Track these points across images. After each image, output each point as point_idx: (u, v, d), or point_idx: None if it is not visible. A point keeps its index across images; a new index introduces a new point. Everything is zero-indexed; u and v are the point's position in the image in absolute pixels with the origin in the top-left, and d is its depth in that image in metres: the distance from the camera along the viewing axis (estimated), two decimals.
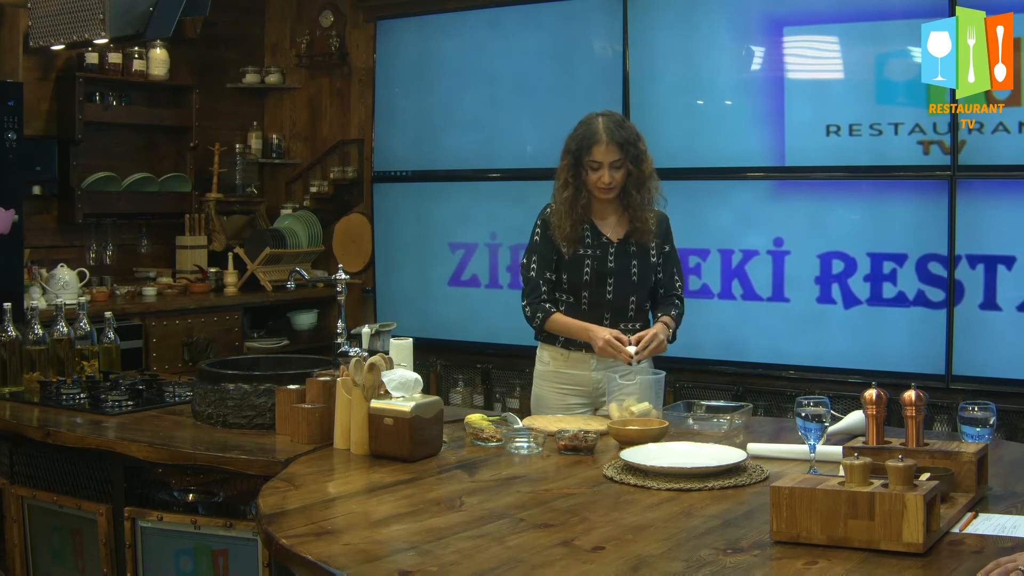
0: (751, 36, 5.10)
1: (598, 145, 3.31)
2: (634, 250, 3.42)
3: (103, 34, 4.06)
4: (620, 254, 3.42)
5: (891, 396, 2.31)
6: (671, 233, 3.52)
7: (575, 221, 3.38)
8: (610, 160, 3.32)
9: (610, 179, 3.33)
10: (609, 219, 3.44)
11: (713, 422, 2.88)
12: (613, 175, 3.33)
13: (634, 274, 3.42)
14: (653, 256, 3.46)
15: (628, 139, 3.33)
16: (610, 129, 3.32)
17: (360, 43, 6.42)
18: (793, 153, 5.02)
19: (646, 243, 3.43)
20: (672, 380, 4.89)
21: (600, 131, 3.32)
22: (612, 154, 3.32)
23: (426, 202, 6.08)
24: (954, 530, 1.97)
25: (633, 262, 3.42)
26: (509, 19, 5.78)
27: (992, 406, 2.37)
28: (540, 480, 2.46)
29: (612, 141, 3.31)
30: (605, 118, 3.36)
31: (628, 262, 3.42)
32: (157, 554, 2.88)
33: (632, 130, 3.39)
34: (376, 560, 1.89)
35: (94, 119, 5.57)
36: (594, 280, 3.41)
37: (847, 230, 4.91)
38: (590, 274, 3.40)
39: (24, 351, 3.54)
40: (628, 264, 3.42)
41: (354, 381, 2.69)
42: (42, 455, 3.11)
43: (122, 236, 5.90)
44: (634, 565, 1.84)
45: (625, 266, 3.42)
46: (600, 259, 3.41)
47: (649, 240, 3.43)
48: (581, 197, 3.37)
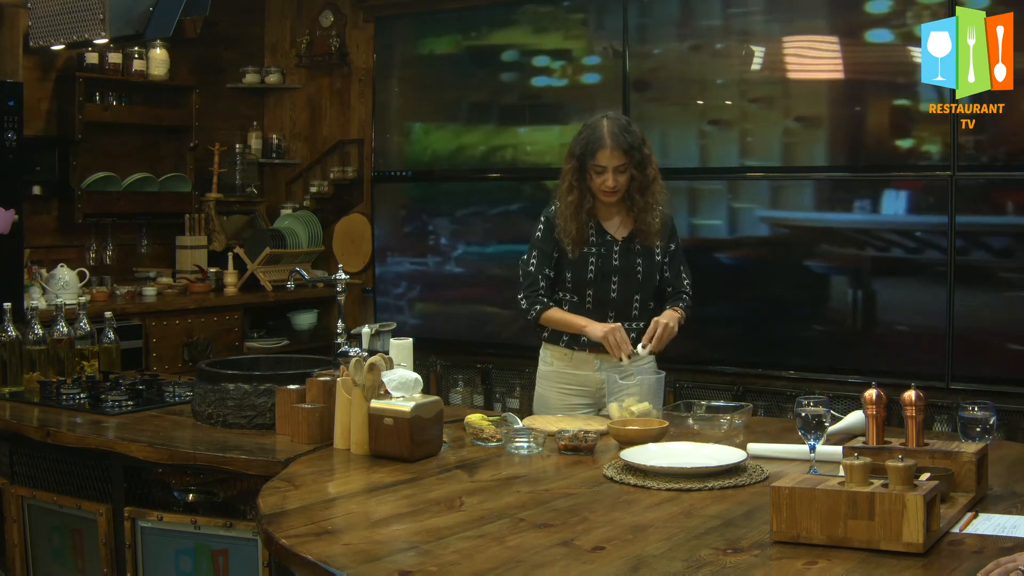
0: (751, 36, 5.10)
1: (603, 150, 3.32)
2: (639, 248, 3.44)
3: (103, 34, 4.06)
4: (625, 253, 3.43)
5: (891, 396, 2.31)
6: (676, 232, 3.56)
7: (580, 224, 3.39)
8: (614, 165, 3.33)
9: (614, 183, 3.34)
10: (614, 219, 3.46)
11: (713, 422, 2.88)
12: (617, 179, 3.34)
13: (639, 272, 3.44)
14: (658, 255, 3.47)
15: (633, 144, 3.34)
16: (615, 133, 3.33)
17: (360, 43, 6.42)
18: (793, 153, 5.02)
19: (651, 244, 3.45)
20: (672, 380, 4.89)
21: (605, 135, 3.33)
22: (616, 159, 3.33)
23: (426, 202, 6.08)
24: (954, 530, 1.97)
25: (638, 260, 3.44)
26: (509, 19, 5.78)
27: (992, 406, 2.37)
28: (540, 480, 2.46)
29: (617, 146, 3.32)
30: (610, 122, 3.37)
31: (633, 260, 3.43)
32: (157, 554, 2.88)
33: (637, 134, 3.40)
34: (376, 560, 1.89)
35: (94, 119, 5.57)
36: (598, 278, 3.42)
37: (847, 230, 4.90)
38: (594, 272, 3.42)
39: (24, 351, 3.54)
40: (633, 262, 3.43)
41: (354, 381, 2.69)
42: (42, 455, 3.11)
43: (122, 236, 5.90)
44: (634, 565, 1.84)
45: (630, 264, 3.43)
46: (604, 257, 3.42)
47: (654, 241, 3.45)
48: (586, 201, 3.39)
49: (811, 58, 4.97)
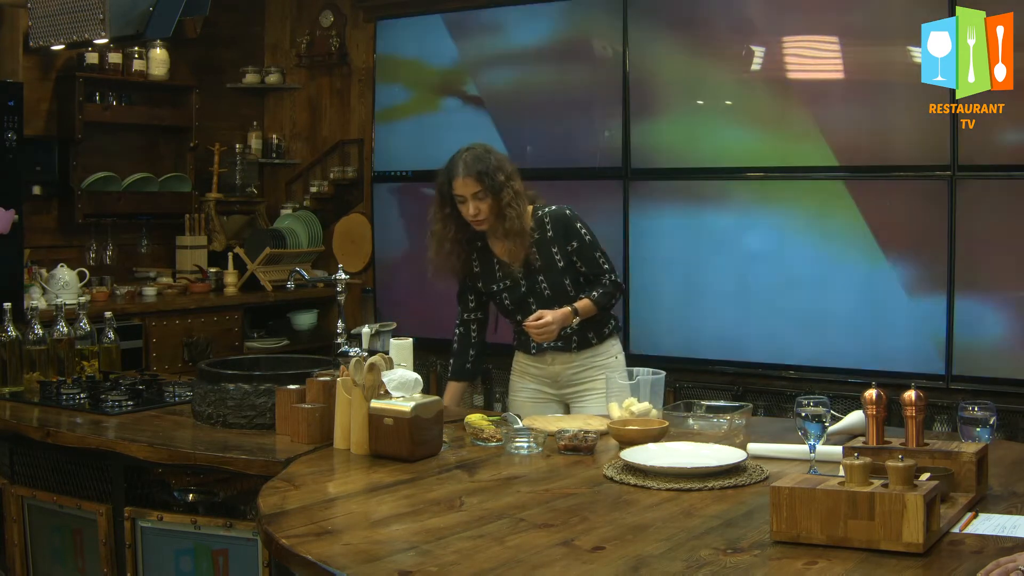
0: (751, 36, 5.10)
1: (456, 179, 3.39)
2: (540, 264, 3.48)
3: (103, 34, 4.07)
4: (528, 275, 3.49)
5: (891, 396, 2.31)
6: (574, 226, 3.50)
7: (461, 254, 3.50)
8: (470, 192, 3.37)
9: (475, 210, 3.39)
10: (505, 247, 3.50)
11: (713, 422, 2.88)
12: (478, 206, 3.38)
13: (545, 289, 3.49)
14: (560, 261, 3.49)
15: (484, 170, 3.37)
16: (467, 162, 3.38)
17: (360, 43, 6.42)
18: (793, 153, 5.02)
19: (546, 258, 3.47)
20: (672, 380, 4.87)
21: (458, 164, 3.40)
22: (470, 186, 3.37)
23: (426, 202, 6.05)
24: (954, 530, 1.97)
25: (540, 278, 3.49)
26: (509, 19, 5.78)
27: (992, 406, 2.37)
28: (540, 480, 2.46)
29: (468, 174, 3.36)
30: (468, 152, 3.42)
31: (536, 279, 3.49)
32: (157, 554, 2.88)
33: (491, 160, 3.40)
34: (376, 560, 1.89)
35: (94, 119, 5.57)
36: (517, 306, 3.54)
37: (847, 230, 4.90)
38: (511, 303, 3.54)
39: (24, 351, 3.54)
40: (536, 282, 3.49)
41: (354, 381, 2.69)
42: (42, 455, 3.11)
43: (122, 236, 5.89)
44: (634, 565, 1.84)
45: (535, 284, 3.49)
46: (512, 288, 3.52)
47: (545, 253, 3.47)
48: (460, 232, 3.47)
49: (811, 58, 4.98)
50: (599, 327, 3.57)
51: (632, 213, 5.40)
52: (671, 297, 5.33)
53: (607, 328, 3.60)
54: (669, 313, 5.33)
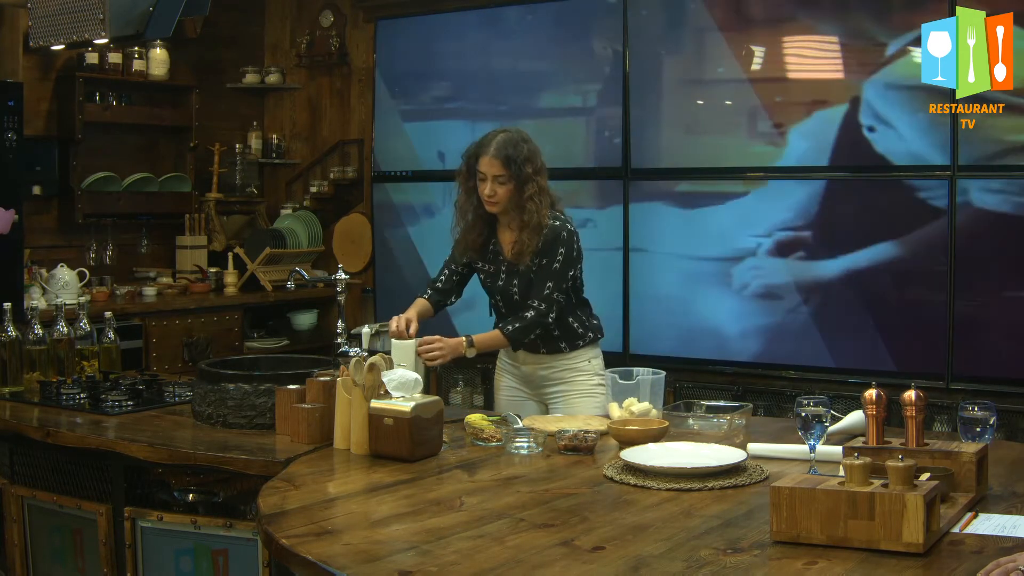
0: (751, 36, 5.10)
1: (484, 156, 3.37)
2: (522, 268, 3.45)
3: (103, 34, 4.06)
4: (510, 272, 3.48)
5: (891, 396, 2.31)
6: (557, 249, 3.40)
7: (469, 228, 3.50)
8: (493, 174, 3.36)
9: (492, 192, 3.37)
10: (506, 236, 3.49)
11: (713, 422, 2.88)
12: (496, 188, 3.37)
13: (514, 294, 3.48)
14: (533, 273, 3.45)
15: (514, 157, 3.35)
16: (500, 144, 3.36)
17: (360, 43, 6.42)
18: (793, 153, 5.02)
19: (526, 263, 3.43)
20: (672, 380, 4.88)
21: (490, 143, 3.38)
22: (495, 168, 3.35)
23: (426, 202, 6.08)
24: (954, 530, 1.97)
25: (514, 281, 3.48)
26: (509, 19, 5.78)
27: (992, 406, 2.37)
28: (540, 480, 2.46)
29: (497, 155, 3.35)
30: (504, 134, 3.41)
31: (511, 281, 3.48)
32: (157, 554, 2.88)
33: (524, 149, 3.38)
34: (376, 560, 1.89)
35: (94, 119, 5.57)
36: (490, 294, 3.55)
37: (847, 230, 4.90)
38: (489, 286, 3.55)
39: (24, 351, 3.54)
40: (511, 284, 3.48)
41: (354, 381, 2.69)
42: (42, 455, 3.11)
43: (122, 236, 5.89)
44: (634, 565, 1.84)
45: (509, 286, 3.48)
46: (492, 275, 3.52)
47: (526, 260, 3.43)
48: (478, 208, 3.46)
49: (811, 58, 4.98)
50: (572, 338, 3.51)
51: (632, 213, 5.40)
52: (671, 297, 5.33)
53: (581, 341, 3.52)
54: (669, 313, 5.33)
